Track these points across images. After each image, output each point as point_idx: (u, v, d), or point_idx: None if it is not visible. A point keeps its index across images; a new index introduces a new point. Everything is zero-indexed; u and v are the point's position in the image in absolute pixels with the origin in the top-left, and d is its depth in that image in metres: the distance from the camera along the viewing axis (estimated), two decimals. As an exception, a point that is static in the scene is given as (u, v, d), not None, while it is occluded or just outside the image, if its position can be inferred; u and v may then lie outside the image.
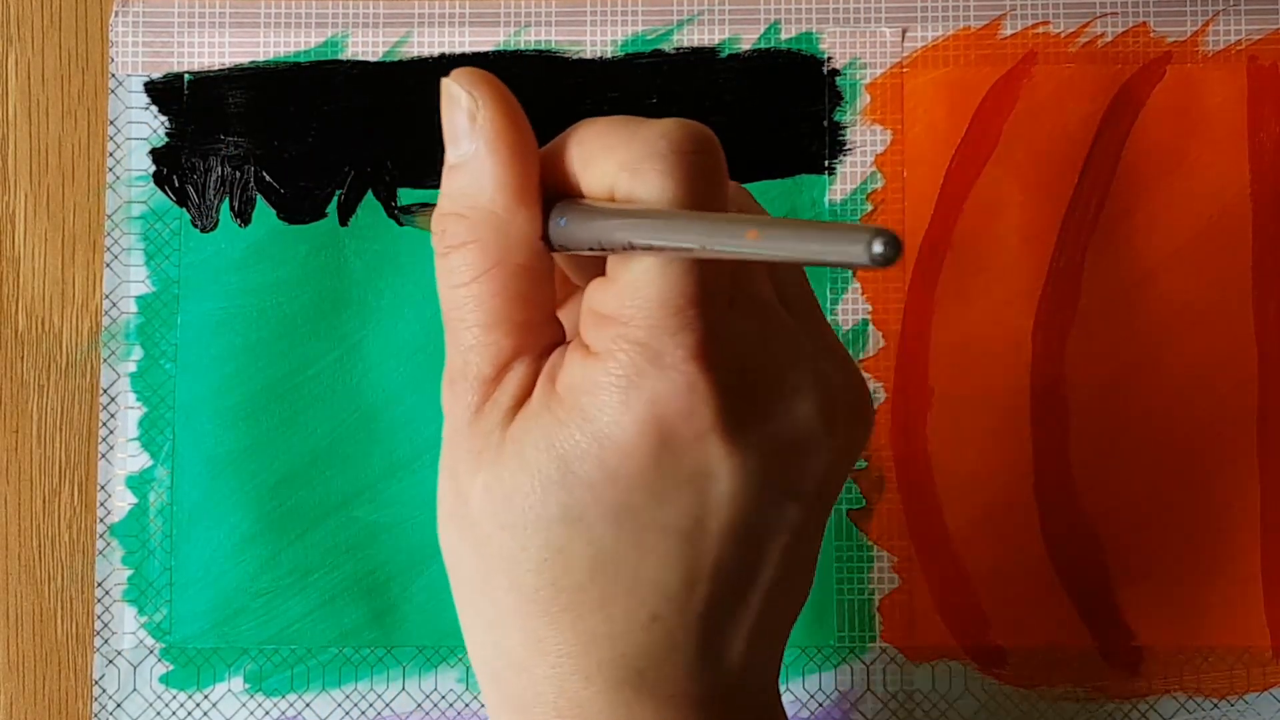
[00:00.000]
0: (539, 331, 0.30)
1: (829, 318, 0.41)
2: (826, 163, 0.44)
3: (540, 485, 0.28)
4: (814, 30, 0.44)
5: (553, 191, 0.30)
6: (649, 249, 0.27)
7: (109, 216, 0.44)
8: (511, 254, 0.29)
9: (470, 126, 0.30)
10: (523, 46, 0.44)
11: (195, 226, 0.44)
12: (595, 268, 0.30)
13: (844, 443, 0.30)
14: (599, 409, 0.28)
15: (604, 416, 0.28)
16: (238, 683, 0.43)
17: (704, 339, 0.28)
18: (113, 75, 0.44)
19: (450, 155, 0.30)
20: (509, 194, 0.29)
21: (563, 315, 0.32)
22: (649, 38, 0.44)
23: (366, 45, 0.44)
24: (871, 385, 0.43)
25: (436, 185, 0.43)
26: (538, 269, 0.30)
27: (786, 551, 0.30)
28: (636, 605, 0.29)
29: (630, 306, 0.28)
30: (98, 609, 0.43)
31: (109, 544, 0.43)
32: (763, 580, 0.30)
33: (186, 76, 0.44)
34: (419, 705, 0.43)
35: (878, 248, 0.22)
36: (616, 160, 0.28)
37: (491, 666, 0.31)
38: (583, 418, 0.28)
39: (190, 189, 0.44)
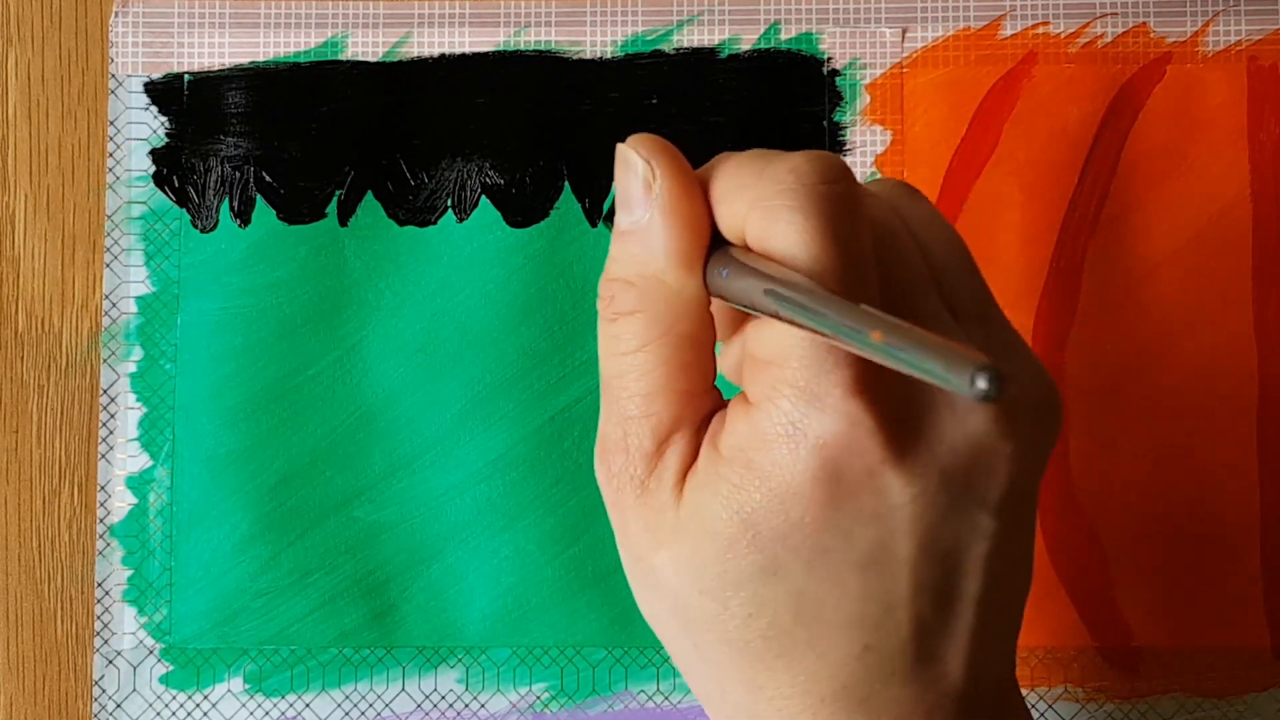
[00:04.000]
0: (700, 400, 0.30)
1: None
2: (826, 163, 0.44)
3: (730, 549, 0.29)
4: (814, 30, 0.44)
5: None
6: (790, 321, 0.27)
7: (109, 217, 0.44)
8: (679, 323, 0.30)
9: (645, 195, 0.30)
10: (523, 46, 0.44)
11: (195, 227, 0.44)
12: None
13: (1028, 442, 0.29)
14: (772, 464, 0.28)
15: (778, 472, 0.28)
16: (237, 683, 0.43)
17: (860, 373, 0.27)
18: (113, 75, 0.44)
19: (622, 220, 0.30)
20: (680, 264, 0.29)
21: (727, 350, 0.32)
22: (649, 38, 0.44)
23: (366, 45, 0.44)
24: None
25: (435, 182, 0.44)
26: (702, 338, 0.30)
27: (987, 560, 0.29)
28: (846, 639, 0.29)
29: (784, 347, 0.28)
30: (98, 609, 0.43)
31: (109, 544, 0.43)
32: (968, 592, 0.29)
33: (186, 77, 0.44)
34: (419, 705, 0.43)
35: (981, 384, 0.21)
36: (747, 199, 0.29)
37: (723, 711, 0.31)
38: (757, 476, 0.28)
39: (190, 189, 0.44)
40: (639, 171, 0.30)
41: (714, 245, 0.30)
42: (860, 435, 0.27)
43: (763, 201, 0.28)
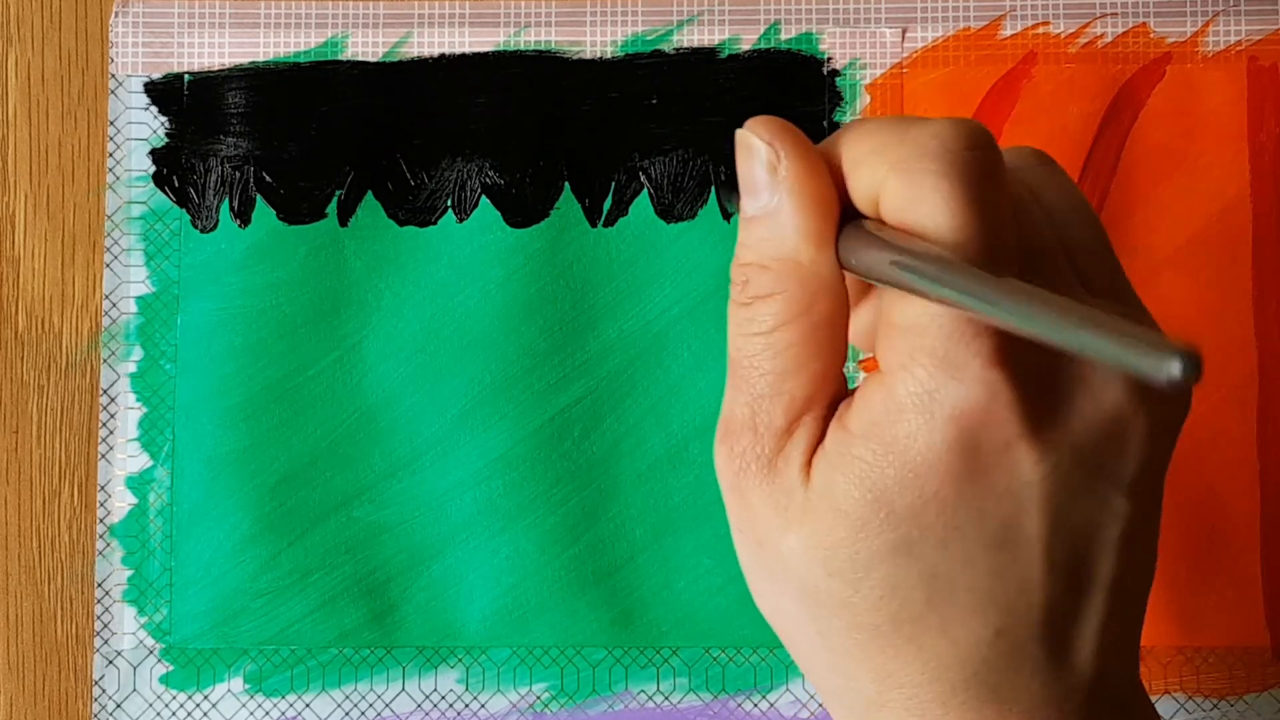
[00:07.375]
0: (830, 383, 0.30)
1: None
2: (826, 163, 0.44)
3: (863, 529, 0.28)
4: (814, 31, 0.44)
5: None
6: (933, 298, 0.26)
7: (109, 217, 0.44)
8: (817, 302, 0.29)
9: (770, 178, 0.29)
10: (523, 46, 0.44)
11: (195, 227, 0.44)
12: None
13: (1161, 419, 0.29)
14: (906, 436, 0.27)
15: (912, 445, 0.27)
16: (237, 683, 0.43)
17: (1001, 343, 0.27)
18: (113, 75, 0.44)
19: (748, 207, 0.30)
20: (814, 243, 0.29)
21: (856, 315, 0.31)
22: (649, 38, 0.44)
23: (366, 45, 0.44)
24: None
25: (435, 182, 0.44)
26: (838, 319, 0.30)
27: (1121, 543, 0.29)
28: (978, 623, 0.28)
29: (924, 314, 0.27)
30: (98, 609, 0.43)
31: (109, 544, 0.43)
32: (1100, 576, 0.29)
33: (186, 77, 0.44)
34: (419, 705, 0.43)
35: (1175, 370, 0.18)
36: (887, 162, 0.28)
37: (847, 704, 0.30)
38: (890, 450, 0.28)
39: (190, 189, 0.44)
40: (762, 156, 0.29)
41: (844, 218, 0.29)
42: (998, 407, 0.27)
43: (903, 165, 0.27)
